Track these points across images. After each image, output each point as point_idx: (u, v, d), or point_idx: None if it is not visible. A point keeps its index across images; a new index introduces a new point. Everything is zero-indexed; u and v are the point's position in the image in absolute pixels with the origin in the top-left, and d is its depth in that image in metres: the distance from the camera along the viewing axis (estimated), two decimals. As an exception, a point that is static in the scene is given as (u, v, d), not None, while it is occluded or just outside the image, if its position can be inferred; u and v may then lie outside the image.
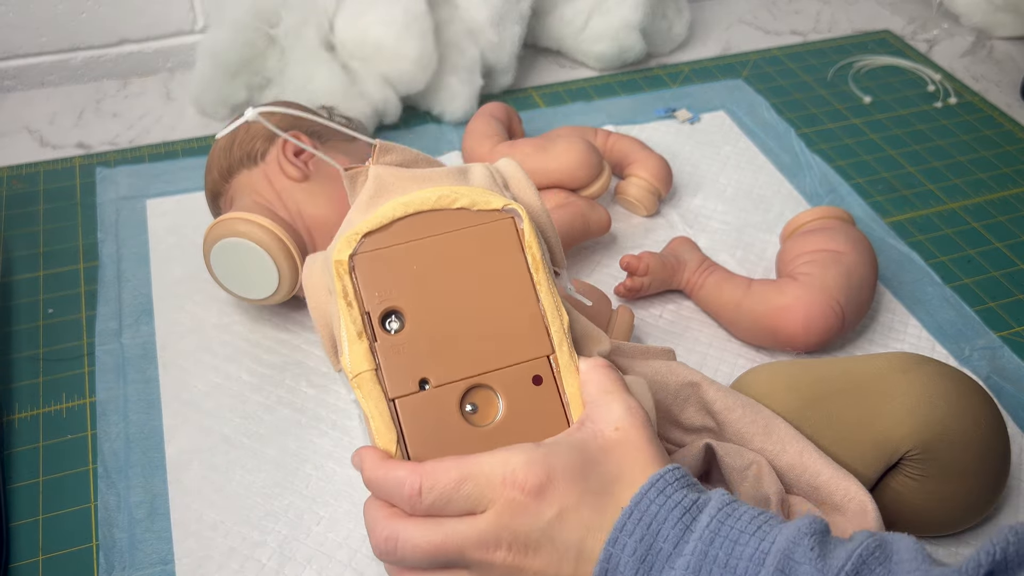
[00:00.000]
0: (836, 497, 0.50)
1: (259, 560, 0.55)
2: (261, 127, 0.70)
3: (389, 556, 0.41)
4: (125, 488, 0.59)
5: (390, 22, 0.85)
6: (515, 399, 0.44)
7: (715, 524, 0.38)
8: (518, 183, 0.50)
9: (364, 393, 0.43)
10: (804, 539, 0.37)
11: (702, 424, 0.56)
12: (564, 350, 0.45)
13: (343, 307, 0.44)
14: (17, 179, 0.86)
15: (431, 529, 0.40)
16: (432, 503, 0.40)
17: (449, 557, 0.39)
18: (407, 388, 0.43)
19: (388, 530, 0.40)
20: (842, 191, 0.85)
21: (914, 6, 1.18)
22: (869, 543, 0.37)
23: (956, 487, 0.52)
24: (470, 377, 0.44)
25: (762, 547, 0.37)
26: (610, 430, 0.41)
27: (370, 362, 0.43)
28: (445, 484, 0.39)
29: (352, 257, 0.45)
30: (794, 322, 0.65)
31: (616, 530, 0.38)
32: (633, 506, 0.39)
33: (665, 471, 0.40)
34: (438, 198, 0.46)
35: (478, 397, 0.44)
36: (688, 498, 0.39)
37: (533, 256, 0.46)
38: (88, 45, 0.97)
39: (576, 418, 0.44)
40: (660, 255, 0.72)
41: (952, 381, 0.53)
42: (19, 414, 0.64)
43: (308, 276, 0.49)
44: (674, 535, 0.38)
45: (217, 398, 0.65)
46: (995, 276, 0.77)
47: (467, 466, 0.40)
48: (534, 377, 0.45)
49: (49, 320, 0.71)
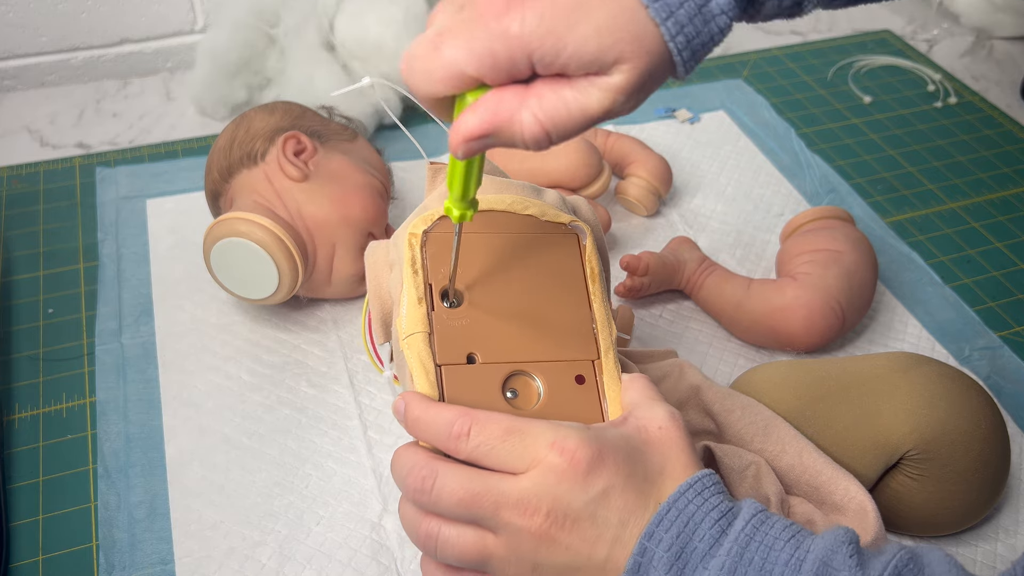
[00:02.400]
0: (836, 497, 0.50)
1: (259, 560, 0.56)
2: (261, 126, 0.70)
3: (422, 496, 0.40)
4: (125, 488, 0.59)
5: (390, 22, 0.85)
6: (556, 392, 0.45)
7: (750, 528, 0.38)
8: (586, 212, 0.53)
9: (414, 353, 0.44)
10: (842, 547, 0.37)
11: (701, 426, 0.56)
12: (610, 358, 0.47)
13: (408, 274, 0.46)
14: (17, 179, 0.86)
15: (472, 476, 0.39)
16: (476, 447, 0.39)
17: (483, 511, 0.39)
18: (455, 358, 0.45)
19: (428, 468, 0.39)
20: (842, 191, 0.85)
21: (914, 6, 1.18)
22: (902, 555, 0.37)
23: (956, 487, 0.52)
24: (516, 362, 0.45)
25: (797, 554, 0.37)
26: (654, 428, 0.42)
27: (425, 326, 0.45)
28: (493, 430, 0.39)
29: (426, 233, 0.47)
30: (794, 322, 0.65)
31: (653, 524, 0.38)
32: (671, 503, 0.38)
33: (703, 474, 0.40)
34: (512, 202, 0.49)
35: (520, 384, 0.45)
36: (725, 504, 0.39)
37: (592, 269, 0.49)
38: (88, 45, 0.97)
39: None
40: (660, 255, 0.72)
41: (952, 381, 0.53)
42: (19, 414, 0.64)
43: (371, 254, 0.51)
44: (710, 536, 0.38)
45: (217, 398, 0.65)
46: (995, 276, 0.77)
47: (518, 422, 0.40)
48: (577, 376, 0.46)
49: (49, 320, 0.71)
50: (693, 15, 0.34)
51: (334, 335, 0.70)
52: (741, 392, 0.57)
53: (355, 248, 0.68)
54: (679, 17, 0.33)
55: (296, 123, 0.71)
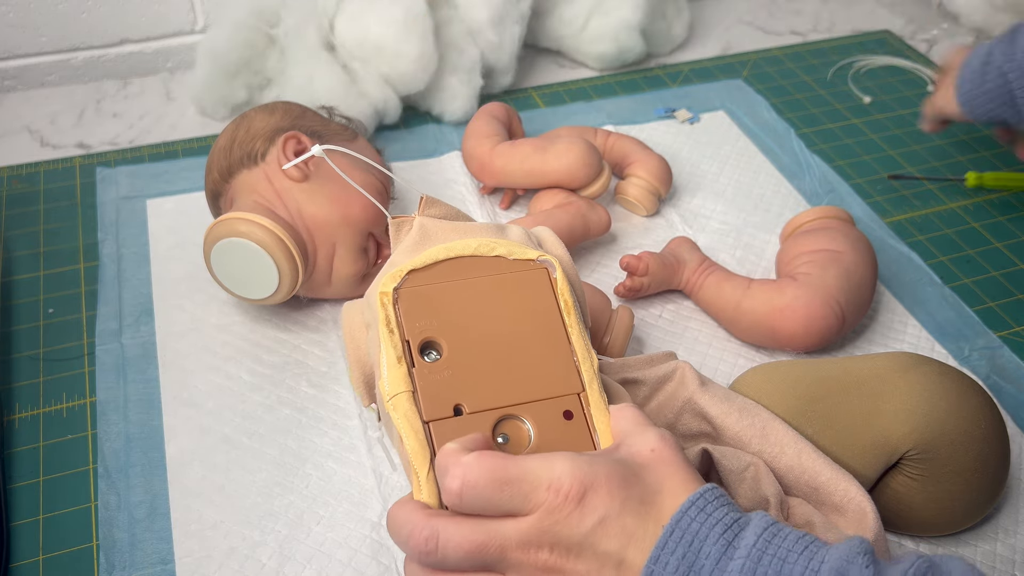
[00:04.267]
0: (835, 498, 0.50)
1: (259, 560, 0.56)
2: (261, 126, 0.70)
3: (428, 556, 0.40)
4: (125, 488, 0.59)
5: (390, 22, 0.85)
6: (546, 431, 0.45)
7: (762, 543, 0.38)
8: (552, 244, 0.55)
9: (400, 414, 0.44)
10: (858, 557, 0.37)
11: (699, 430, 0.56)
12: (595, 388, 0.47)
13: (384, 334, 0.46)
14: (17, 179, 0.86)
15: (474, 527, 0.40)
16: (475, 499, 0.39)
17: (491, 557, 0.39)
18: (442, 412, 0.45)
19: (429, 529, 0.40)
20: (842, 191, 0.85)
21: (914, 6, 1.18)
22: (920, 564, 0.37)
23: (956, 487, 0.52)
24: (503, 407, 0.45)
25: (812, 565, 0.36)
26: (646, 451, 0.42)
27: (407, 384, 0.45)
28: (488, 483, 0.39)
29: (396, 290, 0.48)
30: (794, 322, 0.65)
31: (658, 548, 0.38)
32: (674, 524, 0.38)
33: (704, 490, 0.40)
34: (478, 245, 0.50)
35: (509, 428, 0.45)
36: (729, 516, 0.39)
37: (566, 301, 0.49)
38: (88, 45, 0.97)
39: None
40: (660, 255, 0.72)
41: (952, 381, 0.53)
42: (19, 414, 0.64)
43: (346, 314, 0.52)
44: (716, 552, 0.37)
45: (217, 398, 0.65)
46: (995, 276, 0.77)
47: (511, 468, 0.40)
48: (565, 412, 0.46)
49: (49, 320, 0.71)
50: None
51: (334, 335, 0.70)
52: (740, 392, 0.57)
53: (355, 248, 0.68)
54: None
55: (296, 123, 0.72)
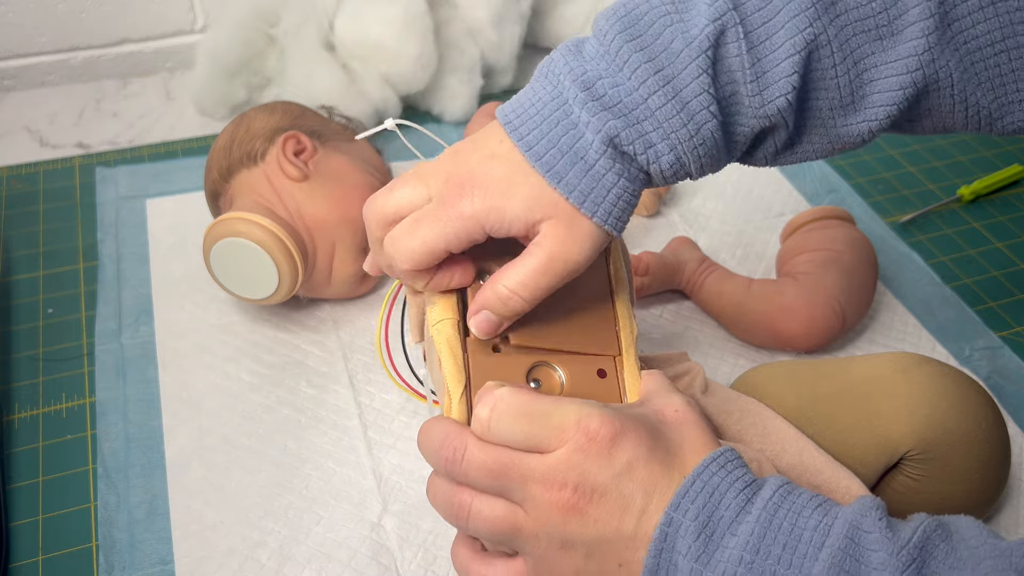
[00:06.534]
0: (837, 495, 0.50)
1: (259, 560, 0.55)
2: (261, 126, 0.70)
3: (453, 465, 0.41)
4: (125, 488, 0.59)
5: (390, 22, 0.85)
6: (578, 384, 0.46)
7: (778, 497, 0.38)
8: None
9: (443, 338, 0.45)
10: (871, 511, 0.37)
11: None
12: (631, 355, 0.48)
13: None
14: (17, 179, 0.86)
15: (501, 450, 0.40)
16: (503, 429, 0.40)
17: (512, 482, 0.40)
18: (483, 345, 0.46)
19: (459, 439, 0.41)
20: (842, 191, 0.85)
21: (914, 6, 1.18)
22: (930, 522, 0.37)
23: (956, 487, 0.52)
24: (542, 349, 0.47)
25: (826, 520, 0.37)
26: (671, 411, 0.43)
27: (455, 313, 0.46)
28: (517, 414, 0.40)
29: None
30: (794, 322, 0.65)
31: (679, 496, 0.39)
32: (696, 475, 0.39)
33: (725, 449, 0.41)
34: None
35: (543, 375, 0.47)
36: (748, 475, 0.40)
37: (616, 270, 0.50)
38: (88, 45, 0.97)
39: None
40: (660, 255, 0.72)
41: (952, 381, 0.53)
42: (19, 414, 0.64)
43: None
44: (736, 504, 0.38)
45: (217, 398, 0.65)
46: (995, 276, 0.77)
47: (542, 404, 0.41)
48: (599, 370, 0.47)
49: (49, 320, 0.71)
50: (593, 187, 0.41)
51: (334, 335, 0.70)
52: (741, 392, 0.57)
53: (355, 248, 0.68)
54: (582, 189, 0.41)
55: (296, 123, 0.71)
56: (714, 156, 0.43)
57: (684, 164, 0.42)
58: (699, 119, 0.41)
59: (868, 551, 0.36)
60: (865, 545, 0.36)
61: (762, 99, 0.41)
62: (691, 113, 0.40)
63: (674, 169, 0.42)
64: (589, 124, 0.41)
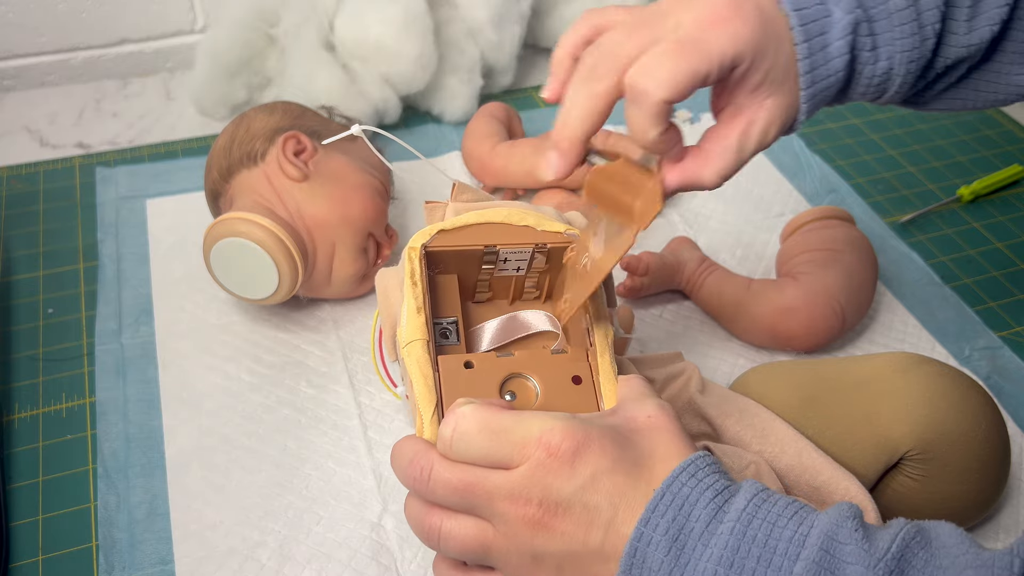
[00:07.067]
0: (836, 497, 0.50)
1: (259, 560, 0.55)
2: (261, 126, 0.70)
3: (420, 484, 0.41)
4: (125, 488, 0.59)
5: (390, 22, 0.85)
6: (554, 393, 0.46)
7: (752, 508, 0.38)
8: (581, 224, 0.55)
9: (413, 359, 0.45)
10: (847, 521, 0.37)
11: (699, 430, 0.56)
12: (606, 358, 0.48)
13: (408, 286, 0.47)
14: (17, 179, 0.86)
15: (466, 468, 0.41)
16: (465, 447, 0.40)
17: (478, 499, 0.40)
18: (453, 364, 0.46)
19: (426, 459, 0.41)
20: (842, 191, 0.85)
21: (914, 6, 1.17)
22: (909, 528, 0.37)
23: (956, 487, 0.52)
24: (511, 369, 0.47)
25: (801, 529, 0.37)
26: (643, 417, 0.43)
27: (424, 333, 0.46)
28: (478, 431, 0.40)
29: (424, 247, 0.49)
30: (794, 322, 0.65)
31: (648, 511, 0.38)
32: (665, 488, 0.39)
33: (696, 456, 0.40)
34: (508, 214, 0.51)
35: (517, 386, 0.47)
36: (720, 482, 0.39)
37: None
38: (88, 45, 0.97)
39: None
40: (660, 255, 0.72)
41: (952, 381, 0.53)
42: (19, 414, 0.64)
43: (381, 279, 0.53)
44: (706, 515, 0.38)
45: (217, 398, 0.65)
46: (995, 276, 0.77)
47: (503, 419, 0.41)
48: (574, 377, 0.47)
49: (49, 320, 0.71)
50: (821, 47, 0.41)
51: (334, 335, 0.70)
52: (740, 392, 0.57)
53: (355, 248, 0.68)
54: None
55: (296, 123, 0.71)
56: (915, 78, 0.42)
57: (889, 79, 0.41)
58: (926, 32, 0.40)
59: (844, 563, 0.35)
60: (841, 557, 0.36)
61: (969, 27, 0.40)
62: (922, 24, 0.40)
63: (879, 80, 0.42)
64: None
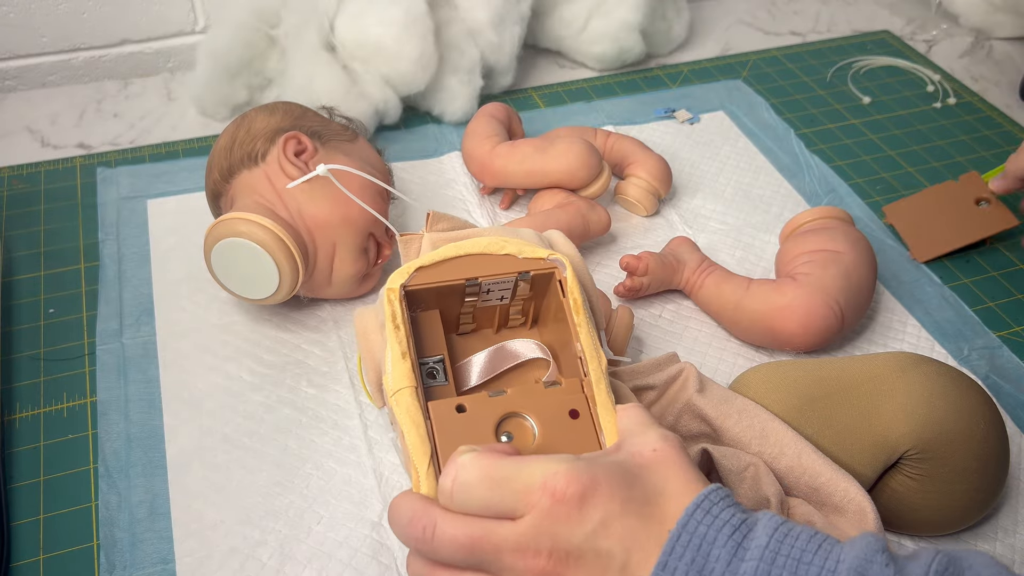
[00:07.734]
0: (835, 498, 0.50)
1: (259, 559, 0.56)
2: (261, 126, 0.70)
3: (423, 545, 0.39)
4: (126, 488, 0.59)
5: (390, 23, 0.85)
6: (551, 430, 0.45)
7: (774, 543, 0.37)
8: (563, 245, 0.54)
9: (402, 408, 0.43)
10: (876, 555, 0.36)
11: (699, 431, 0.56)
12: (601, 388, 0.46)
13: (391, 330, 0.46)
14: (18, 179, 0.86)
15: (470, 521, 0.39)
16: (467, 498, 0.39)
17: (485, 555, 0.38)
18: (445, 408, 0.44)
19: (427, 517, 0.39)
20: (842, 191, 0.85)
21: (913, 6, 1.18)
22: (940, 559, 0.36)
23: (955, 487, 0.52)
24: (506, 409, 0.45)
25: (827, 565, 0.36)
26: (648, 451, 0.41)
27: (411, 380, 0.44)
28: (479, 481, 0.39)
29: (404, 287, 0.47)
30: (793, 322, 0.65)
31: (665, 554, 0.37)
32: (681, 528, 0.37)
33: (709, 491, 0.39)
34: (487, 244, 0.49)
35: (514, 426, 0.45)
36: (736, 517, 0.38)
37: (575, 300, 0.48)
38: (89, 45, 0.97)
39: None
40: (660, 255, 0.72)
41: (951, 381, 0.53)
42: (20, 414, 0.65)
43: (359, 318, 0.52)
44: (725, 554, 0.36)
45: (217, 398, 0.65)
46: (995, 276, 0.77)
47: (505, 466, 0.39)
48: (571, 411, 0.46)
49: (50, 320, 0.72)
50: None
51: (334, 335, 0.70)
52: (740, 392, 0.57)
53: (355, 248, 0.68)
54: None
55: (297, 123, 0.72)
56: None
57: None
58: None
59: None
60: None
61: None
62: None
63: None
64: None
